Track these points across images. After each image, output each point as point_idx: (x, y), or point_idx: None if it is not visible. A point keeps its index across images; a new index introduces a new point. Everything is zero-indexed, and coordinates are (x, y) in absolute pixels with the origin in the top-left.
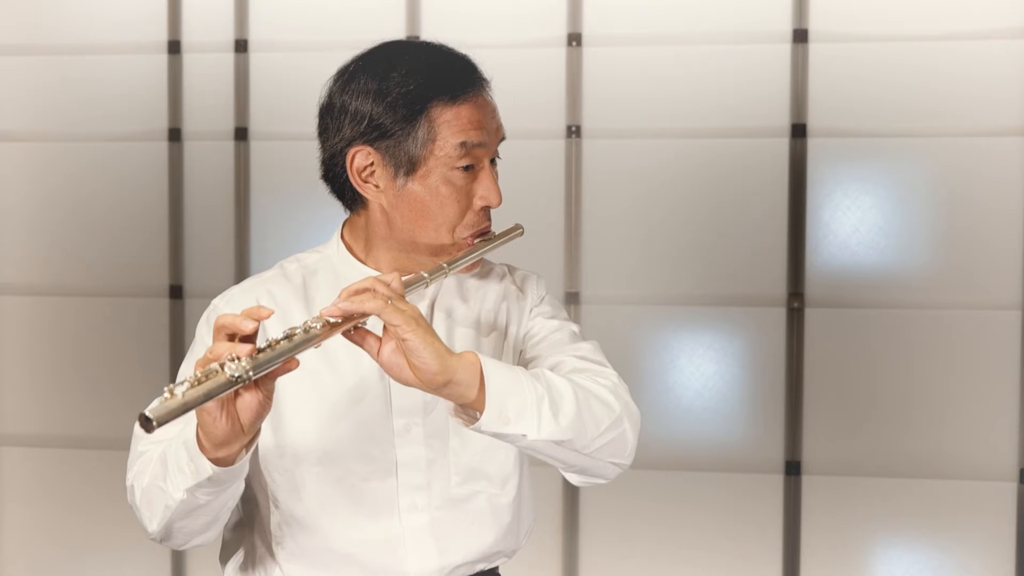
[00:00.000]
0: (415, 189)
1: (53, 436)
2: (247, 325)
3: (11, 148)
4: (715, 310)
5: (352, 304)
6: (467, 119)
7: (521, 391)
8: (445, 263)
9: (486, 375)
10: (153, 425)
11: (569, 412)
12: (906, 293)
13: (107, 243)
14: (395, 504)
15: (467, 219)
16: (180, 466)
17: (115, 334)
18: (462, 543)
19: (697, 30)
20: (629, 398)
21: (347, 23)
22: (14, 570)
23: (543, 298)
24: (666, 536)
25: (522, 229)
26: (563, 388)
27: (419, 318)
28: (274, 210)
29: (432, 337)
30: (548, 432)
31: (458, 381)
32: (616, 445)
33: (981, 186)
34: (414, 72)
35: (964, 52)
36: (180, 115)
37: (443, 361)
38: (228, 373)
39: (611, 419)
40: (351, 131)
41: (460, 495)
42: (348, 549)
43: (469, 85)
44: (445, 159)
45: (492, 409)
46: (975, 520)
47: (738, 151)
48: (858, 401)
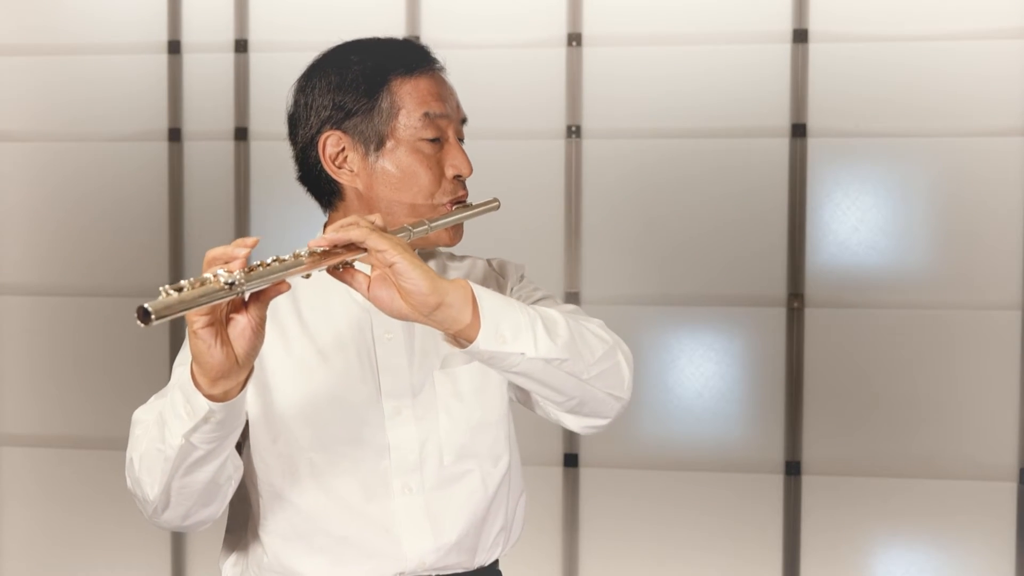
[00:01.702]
0: (386, 165)
1: (53, 436)
2: (239, 252)
3: (11, 148)
4: (715, 310)
5: (338, 233)
6: (426, 90)
7: (514, 313)
8: (427, 220)
9: (478, 296)
10: (152, 318)
11: (563, 334)
12: (906, 293)
13: (107, 243)
14: (389, 486)
15: (443, 187)
16: (176, 411)
17: (115, 334)
18: (457, 523)
19: (697, 30)
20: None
21: (347, 23)
22: (14, 570)
23: (523, 278)
24: (666, 536)
25: (498, 202)
26: (555, 315)
27: (405, 244)
28: (274, 210)
29: (419, 261)
30: (545, 350)
31: (450, 303)
32: (612, 375)
33: (981, 186)
34: (370, 54)
35: (964, 52)
36: (180, 115)
37: (433, 282)
38: (222, 280)
39: (604, 348)
40: (317, 120)
41: (453, 474)
42: (344, 532)
43: (424, 61)
44: (411, 130)
45: (488, 327)
46: (975, 520)
47: (738, 151)
48: (858, 401)
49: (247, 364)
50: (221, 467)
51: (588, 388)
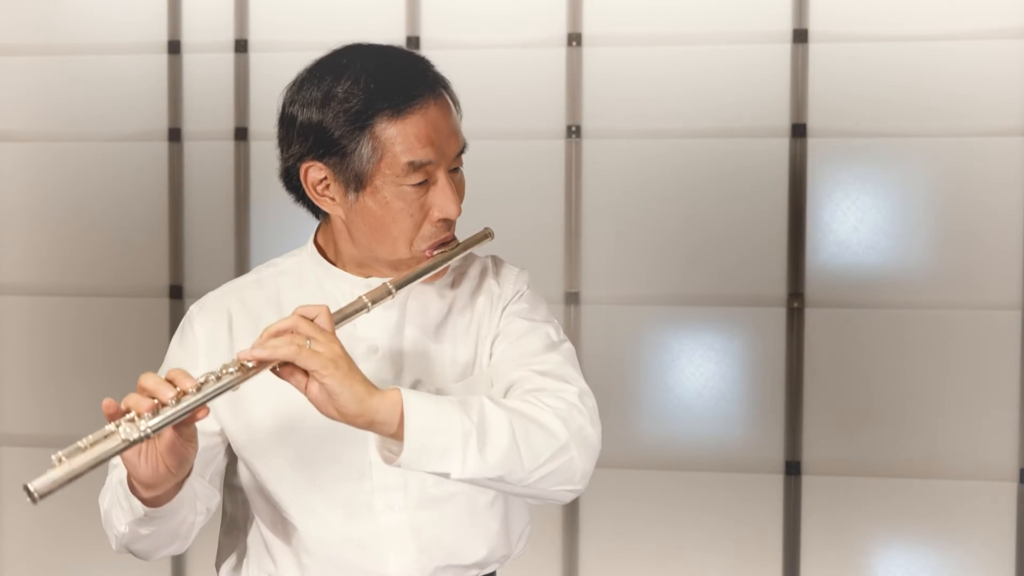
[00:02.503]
0: (367, 204)
1: (53, 436)
2: (165, 394)
3: (11, 148)
4: (715, 310)
5: (266, 351)
6: (413, 136)
7: (447, 428)
8: (392, 284)
9: (406, 415)
10: (36, 497)
11: (499, 447)
12: (906, 293)
13: (107, 243)
14: (371, 505)
15: (424, 231)
16: (119, 501)
17: (115, 334)
18: (444, 544)
19: (697, 30)
20: (586, 420)
21: (347, 23)
22: (14, 570)
23: (521, 294)
24: (666, 536)
25: (491, 233)
26: (496, 422)
27: (337, 359)
28: (274, 210)
29: (351, 379)
30: (473, 470)
31: (381, 421)
32: (561, 473)
33: (981, 186)
34: (359, 83)
35: (964, 52)
36: (180, 115)
37: (362, 404)
38: (123, 435)
39: (554, 448)
40: (300, 146)
41: (438, 495)
42: (327, 551)
43: (415, 95)
44: (393, 177)
45: (411, 448)
46: (975, 520)
47: (738, 151)
48: (858, 401)
49: (180, 473)
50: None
51: (531, 489)
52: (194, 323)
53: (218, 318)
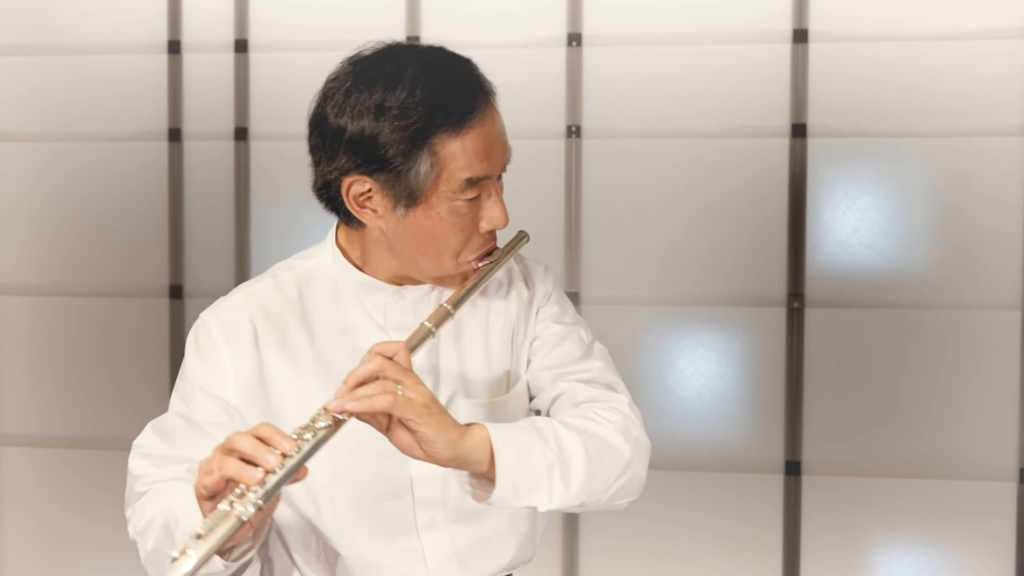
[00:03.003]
0: (417, 220)
1: (53, 436)
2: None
3: (11, 148)
4: (715, 310)
5: (362, 405)
6: (472, 151)
7: (532, 463)
8: (450, 305)
9: (496, 452)
10: None
11: (580, 476)
12: (906, 293)
13: (107, 243)
14: (412, 522)
15: (472, 244)
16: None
17: (115, 334)
18: (482, 556)
19: (697, 30)
20: (640, 430)
21: (347, 23)
22: (14, 570)
23: (550, 295)
24: (666, 536)
25: (527, 236)
26: (573, 449)
27: (430, 404)
28: (274, 210)
29: (445, 425)
30: (559, 502)
31: (473, 462)
32: (627, 488)
33: (981, 186)
34: (414, 95)
35: (964, 52)
36: (180, 115)
37: (455, 449)
38: (237, 515)
39: (621, 466)
40: (347, 161)
41: (476, 507)
42: (370, 572)
43: (475, 108)
44: (450, 193)
45: (504, 486)
46: (975, 520)
47: (738, 151)
48: (858, 401)
49: (262, 534)
50: None
51: (601, 506)
52: (212, 334)
53: (239, 327)
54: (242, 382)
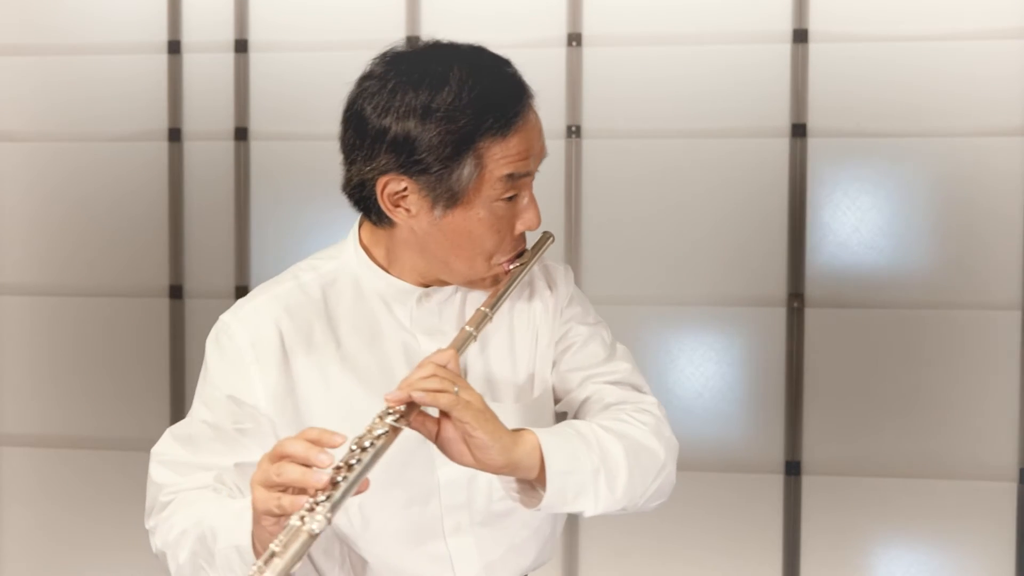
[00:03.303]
0: (454, 221)
1: (53, 436)
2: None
3: (11, 148)
4: (715, 310)
5: (426, 397)
6: (516, 151)
7: (578, 468)
8: (487, 308)
9: (547, 459)
10: None
11: (623, 480)
12: (906, 293)
13: (107, 243)
14: (439, 526)
15: (505, 245)
16: (231, 566)
17: (115, 334)
18: (507, 559)
19: (697, 30)
20: (670, 431)
21: (347, 23)
22: (14, 570)
23: (572, 296)
24: (666, 536)
25: (553, 237)
26: (615, 453)
27: (485, 409)
28: (274, 210)
29: (499, 431)
30: (605, 506)
31: (523, 468)
32: (662, 490)
33: (981, 186)
34: (461, 98)
35: (964, 52)
36: (180, 115)
37: (508, 455)
38: (308, 530)
39: (657, 468)
40: (387, 162)
41: (500, 510)
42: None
43: (518, 110)
44: (490, 192)
45: (553, 493)
46: (975, 520)
47: (738, 151)
48: (858, 401)
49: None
50: None
51: (638, 509)
52: (236, 338)
53: (264, 331)
54: (270, 388)
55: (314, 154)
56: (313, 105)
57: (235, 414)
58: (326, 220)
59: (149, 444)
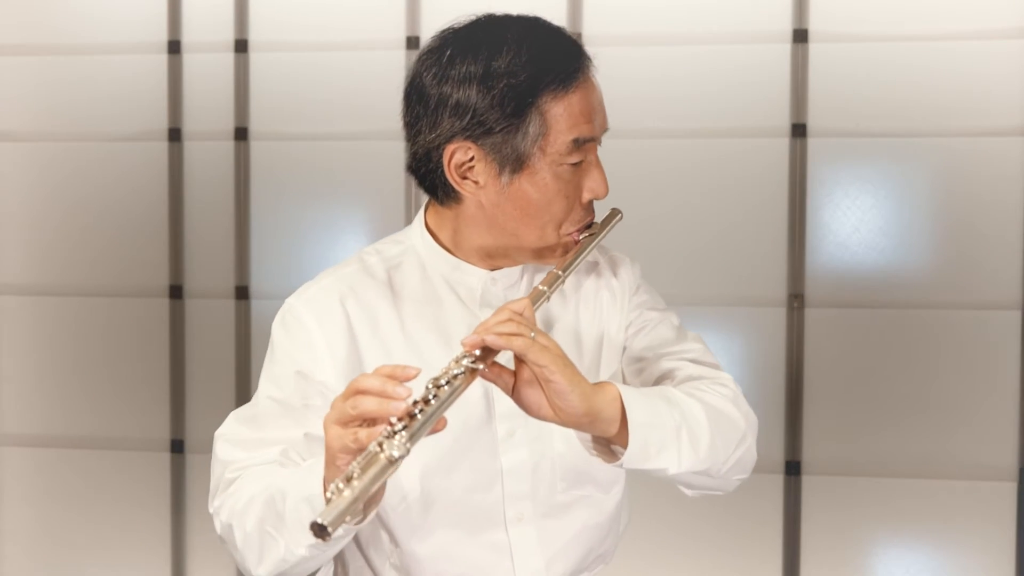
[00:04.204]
0: (522, 187)
1: (53, 436)
2: (400, 392)
3: (11, 148)
4: (715, 310)
5: (500, 340)
6: (579, 110)
7: (661, 423)
8: (560, 270)
9: (628, 409)
10: (329, 532)
11: (705, 440)
12: (906, 293)
13: (107, 243)
14: (500, 515)
15: (574, 215)
16: (302, 521)
17: (115, 334)
18: (569, 551)
19: (697, 30)
20: (747, 405)
21: (347, 23)
22: (14, 570)
23: (639, 285)
24: (666, 536)
25: (621, 213)
26: (697, 413)
27: (563, 356)
28: (274, 210)
29: (578, 376)
30: (688, 464)
31: (605, 419)
32: (743, 462)
33: (981, 186)
34: (520, 57)
35: (964, 52)
36: (180, 115)
37: (589, 402)
38: (387, 455)
39: (738, 437)
40: (451, 127)
41: (565, 501)
42: (454, 569)
43: (577, 67)
44: (556, 156)
45: (635, 445)
46: (975, 520)
47: (738, 151)
48: (858, 401)
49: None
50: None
51: (720, 480)
52: (303, 317)
53: (331, 309)
54: (339, 364)
55: (314, 154)
56: (313, 105)
57: (304, 390)
58: (326, 220)
59: (149, 444)
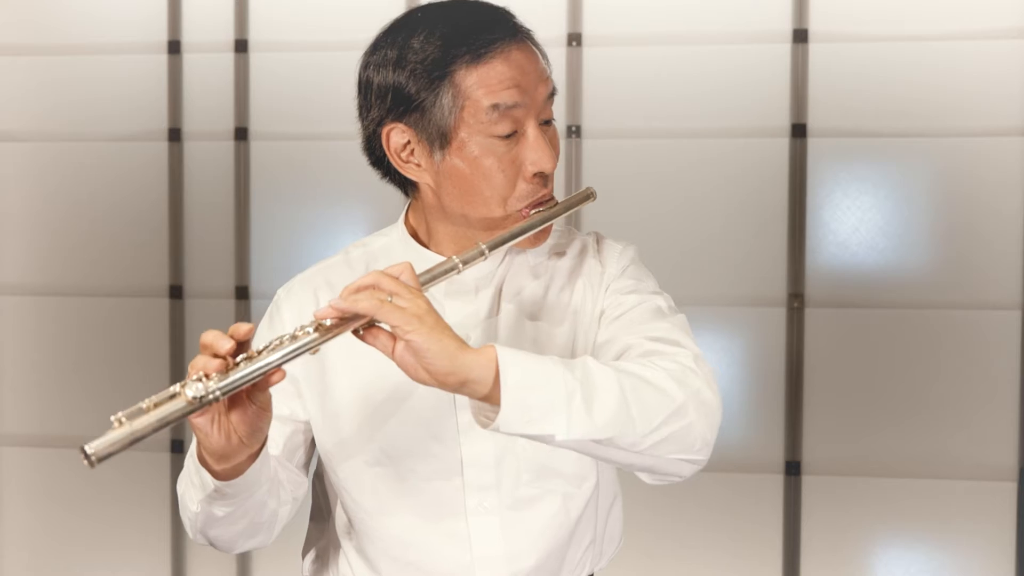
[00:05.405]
0: (454, 163)
1: (53, 436)
2: (223, 345)
3: (11, 148)
4: (715, 310)
5: (344, 303)
6: (496, 79)
7: (548, 385)
8: (485, 245)
9: (502, 370)
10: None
11: (608, 406)
12: (906, 293)
13: (107, 243)
14: (461, 504)
15: (519, 189)
16: (191, 477)
17: (115, 334)
18: (533, 547)
19: (697, 30)
20: (703, 383)
21: (347, 23)
22: (14, 570)
23: (625, 269)
24: (666, 536)
25: (593, 193)
26: (603, 379)
27: (423, 314)
28: (274, 210)
29: (439, 334)
30: (581, 431)
31: (474, 379)
32: (679, 440)
33: (981, 186)
34: (433, 34)
35: (964, 52)
36: (180, 115)
37: (453, 360)
38: (189, 394)
39: (669, 410)
40: (379, 109)
41: (531, 494)
42: (411, 554)
43: (496, 38)
44: (479, 127)
45: (510, 406)
46: (975, 520)
47: (738, 151)
48: (858, 401)
49: (252, 444)
50: (256, 508)
51: (646, 457)
52: (281, 308)
53: (305, 299)
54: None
55: (314, 154)
56: (313, 105)
57: None
58: (326, 220)
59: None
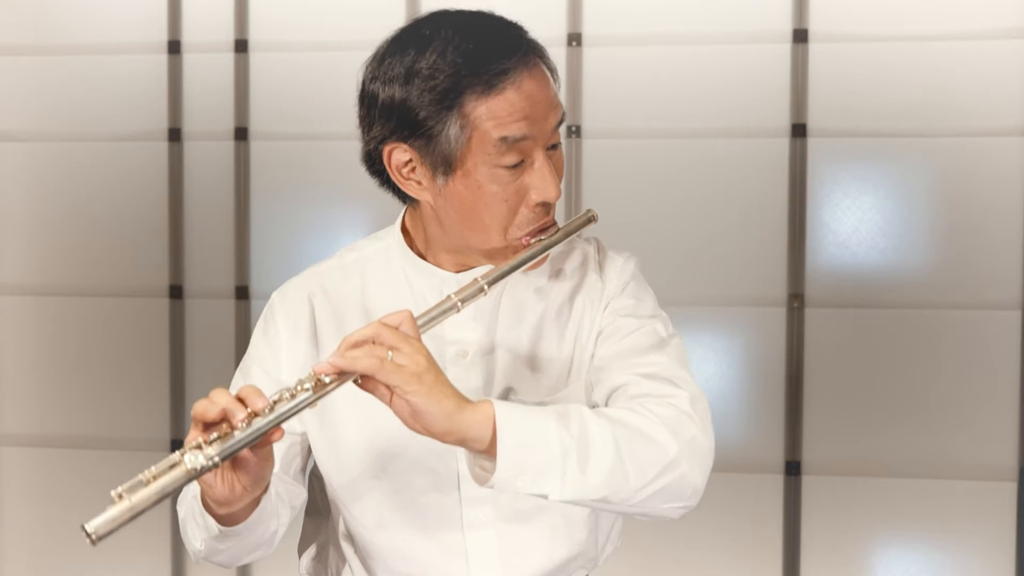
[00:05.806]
0: (457, 188)
1: (53, 436)
2: (235, 417)
3: (11, 148)
4: (715, 310)
5: (344, 362)
6: (506, 112)
7: (544, 444)
8: (484, 281)
9: (499, 430)
10: (94, 539)
11: (602, 465)
12: (906, 293)
13: (107, 243)
14: (458, 518)
15: (520, 218)
16: (195, 517)
17: (115, 334)
18: (529, 558)
19: (697, 30)
20: (698, 429)
21: (347, 23)
22: (14, 570)
23: (625, 286)
24: (665, 535)
25: (595, 216)
26: (599, 436)
27: (422, 372)
28: (274, 210)
29: (438, 394)
30: (574, 492)
31: (472, 438)
32: (671, 491)
33: (981, 186)
34: (444, 57)
35: (964, 52)
36: (180, 115)
37: (451, 421)
38: (188, 465)
39: (663, 463)
40: (382, 127)
41: (529, 508)
42: (409, 567)
43: (507, 68)
44: (485, 157)
45: (506, 468)
46: (975, 520)
47: (738, 151)
48: (858, 401)
49: (256, 490)
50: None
51: (638, 508)
52: (276, 314)
53: (299, 306)
54: (296, 361)
55: (314, 154)
56: (313, 105)
57: (262, 384)
58: (326, 220)
59: (149, 444)
